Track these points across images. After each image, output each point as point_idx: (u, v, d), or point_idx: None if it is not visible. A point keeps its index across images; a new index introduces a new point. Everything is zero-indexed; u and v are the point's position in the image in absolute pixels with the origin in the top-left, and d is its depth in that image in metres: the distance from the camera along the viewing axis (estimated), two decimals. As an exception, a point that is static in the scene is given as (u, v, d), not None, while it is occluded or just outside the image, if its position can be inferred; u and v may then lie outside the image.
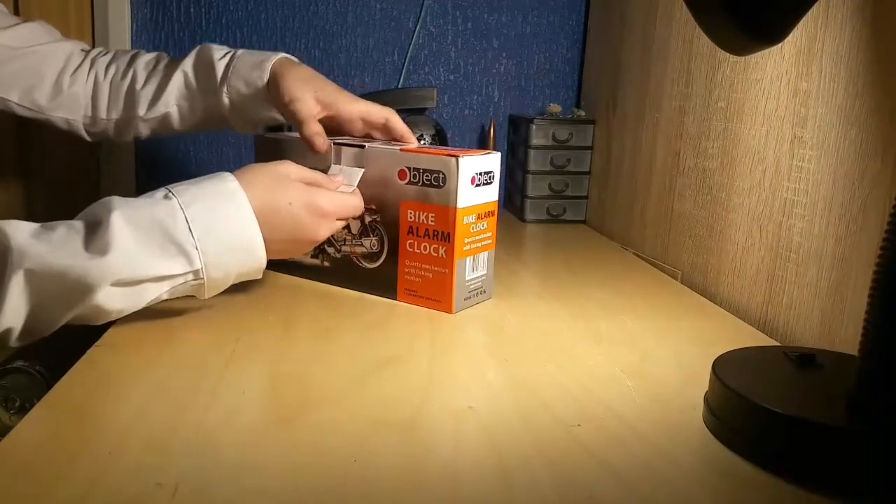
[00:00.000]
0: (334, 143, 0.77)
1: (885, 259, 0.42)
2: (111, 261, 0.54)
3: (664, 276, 0.91)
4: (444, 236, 0.71)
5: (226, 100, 0.83)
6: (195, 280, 0.60)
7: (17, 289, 0.52)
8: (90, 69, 0.87)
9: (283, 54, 0.84)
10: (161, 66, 0.87)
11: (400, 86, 1.32)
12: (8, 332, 0.53)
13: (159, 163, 1.30)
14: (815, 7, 0.53)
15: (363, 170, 0.75)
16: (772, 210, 0.74)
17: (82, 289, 0.53)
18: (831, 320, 0.65)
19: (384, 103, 0.83)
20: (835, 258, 0.65)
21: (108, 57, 0.88)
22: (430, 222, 0.72)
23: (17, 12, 1.16)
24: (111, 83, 0.87)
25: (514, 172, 1.32)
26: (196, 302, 0.71)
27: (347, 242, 0.78)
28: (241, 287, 0.77)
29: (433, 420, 0.49)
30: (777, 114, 0.73)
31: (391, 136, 0.81)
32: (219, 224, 0.60)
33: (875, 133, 0.60)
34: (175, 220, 0.57)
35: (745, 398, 0.46)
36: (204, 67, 0.84)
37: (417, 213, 0.72)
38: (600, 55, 1.26)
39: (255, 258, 0.63)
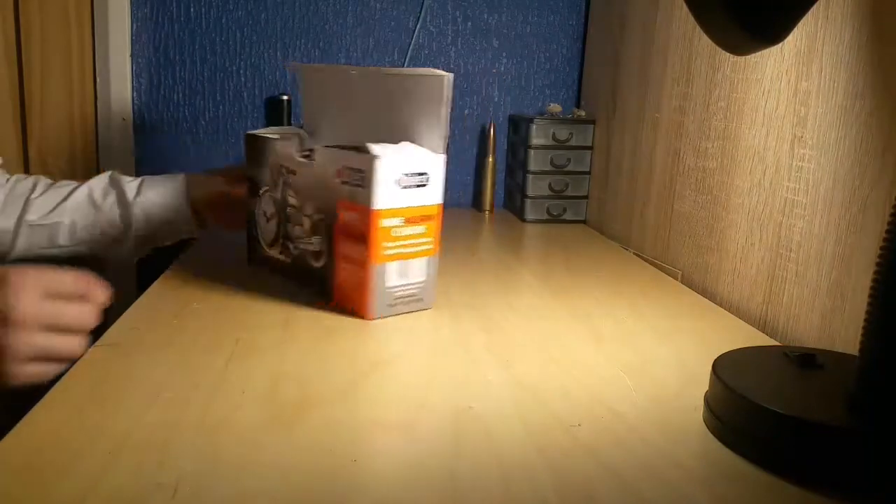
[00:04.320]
0: (323, 148, 0.77)
1: (885, 259, 0.42)
2: None
3: (664, 276, 0.91)
4: (362, 237, 0.68)
5: (139, 212, 0.87)
6: None
7: None
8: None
9: (184, 173, 0.90)
10: (60, 184, 0.88)
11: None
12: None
13: (159, 163, 1.30)
14: (815, 7, 0.53)
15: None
16: (772, 210, 0.74)
17: None
18: (831, 320, 0.65)
19: None
20: (835, 258, 0.65)
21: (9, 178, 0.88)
22: (355, 223, 0.69)
23: (17, 12, 1.16)
24: (10, 193, 0.86)
25: (514, 172, 1.32)
26: (196, 302, 0.71)
27: (301, 240, 0.77)
28: (240, 287, 0.77)
29: (433, 420, 0.49)
30: (777, 114, 0.73)
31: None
32: None
33: (875, 133, 0.60)
34: None
35: (745, 398, 0.46)
36: (115, 186, 0.87)
37: (347, 213, 0.70)
38: (600, 55, 1.26)
39: None
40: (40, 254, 0.86)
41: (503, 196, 1.39)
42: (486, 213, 1.31)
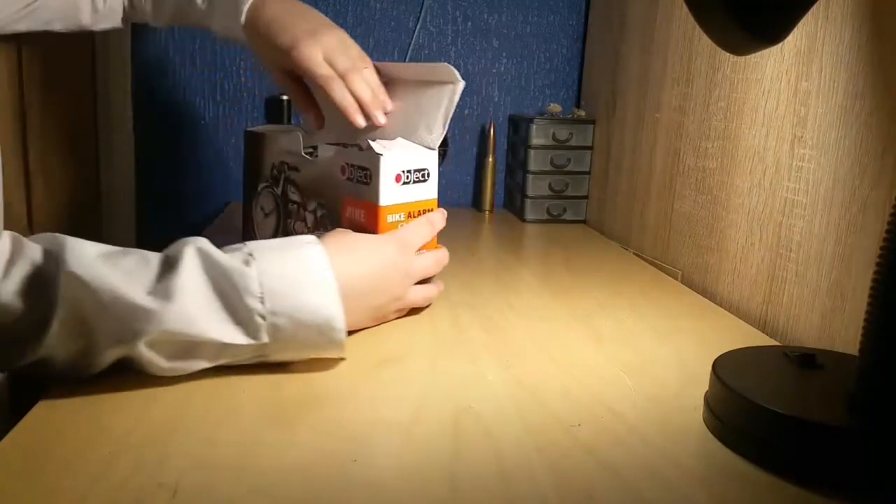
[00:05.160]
0: (326, 145, 0.77)
1: (885, 259, 0.42)
2: (169, 312, 0.48)
3: (664, 276, 0.91)
4: (371, 233, 0.70)
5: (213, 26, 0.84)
6: (258, 354, 0.53)
7: (64, 313, 0.47)
8: None
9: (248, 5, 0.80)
10: None
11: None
12: (48, 359, 0.48)
13: (160, 162, 1.30)
14: (815, 7, 0.53)
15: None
16: (772, 210, 0.74)
17: (130, 331, 0.48)
18: (831, 320, 0.65)
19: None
20: (835, 258, 0.65)
21: None
22: (361, 219, 0.71)
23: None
24: None
25: (514, 172, 1.32)
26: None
27: (297, 230, 0.78)
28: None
29: (433, 420, 0.49)
30: (777, 114, 0.73)
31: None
32: (296, 299, 0.52)
33: (875, 133, 0.60)
34: (249, 288, 0.51)
35: (745, 398, 0.46)
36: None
37: (353, 209, 0.71)
38: (600, 55, 1.26)
39: (329, 339, 0.55)
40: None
41: (503, 196, 1.39)
42: (486, 213, 1.31)
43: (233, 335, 0.51)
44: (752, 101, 0.78)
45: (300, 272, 0.54)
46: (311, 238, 0.59)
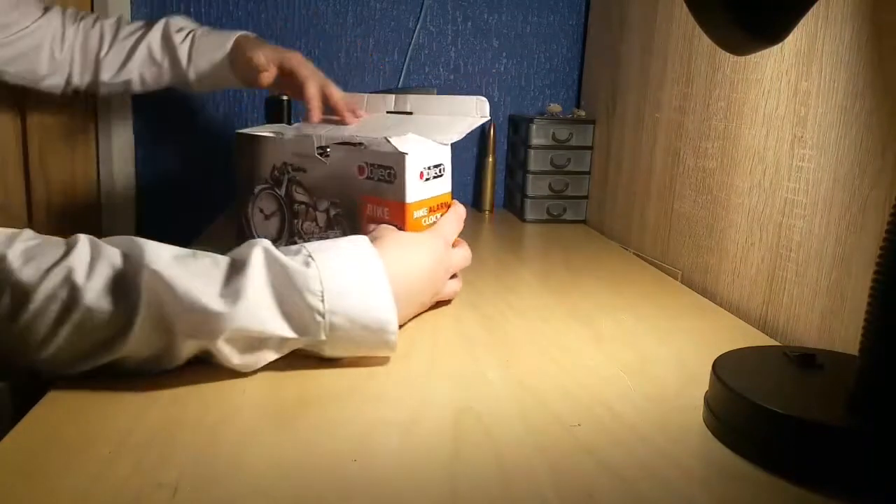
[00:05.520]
0: (334, 145, 0.78)
1: (885, 259, 0.42)
2: (240, 313, 0.50)
3: (664, 276, 0.91)
4: (398, 229, 0.72)
5: (192, 77, 0.98)
6: (314, 349, 0.56)
7: (146, 311, 0.49)
8: (72, 36, 0.98)
9: (242, 32, 0.97)
10: (123, 34, 0.99)
11: (400, 86, 1.32)
12: (127, 357, 0.51)
13: (160, 162, 1.30)
14: (815, 7, 0.52)
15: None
16: (772, 210, 0.74)
17: (204, 330, 0.50)
18: (831, 320, 0.65)
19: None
20: (835, 258, 0.65)
21: (80, 23, 0.99)
22: (385, 216, 0.73)
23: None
24: (83, 50, 0.98)
25: (514, 172, 1.32)
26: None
27: (315, 236, 0.79)
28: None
29: (433, 420, 0.49)
30: (777, 114, 0.73)
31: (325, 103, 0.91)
32: (353, 301, 0.55)
33: (875, 133, 0.60)
34: (311, 288, 0.53)
35: (745, 398, 0.46)
36: (169, 49, 0.97)
37: (374, 207, 0.73)
38: (600, 55, 1.26)
39: (384, 342, 0.57)
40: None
41: (503, 196, 1.39)
42: (486, 213, 1.32)
43: (294, 332, 0.54)
44: (752, 101, 0.78)
45: (357, 273, 0.57)
46: (363, 239, 0.61)
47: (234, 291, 0.51)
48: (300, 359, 0.59)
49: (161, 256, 0.50)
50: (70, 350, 0.49)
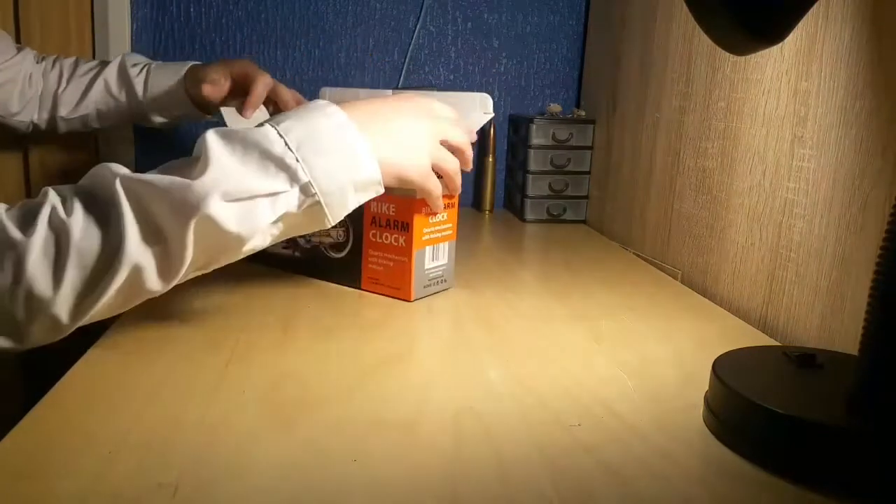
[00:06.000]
0: None
1: (885, 259, 0.42)
2: (212, 176, 0.52)
3: (664, 276, 0.91)
4: (404, 226, 0.74)
5: (150, 109, 1.00)
6: (307, 197, 0.56)
7: (133, 216, 0.51)
8: (37, 75, 1.01)
9: (194, 62, 1.00)
10: (80, 71, 1.01)
11: (400, 86, 1.32)
12: (137, 269, 0.51)
13: (160, 161, 1.30)
14: (815, 7, 0.53)
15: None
16: (772, 210, 0.74)
17: (190, 205, 0.51)
18: (831, 320, 0.65)
19: None
20: (835, 258, 0.65)
21: (42, 63, 1.02)
22: (391, 213, 0.74)
23: (16, 12, 1.16)
24: (43, 88, 1.01)
25: (514, 172, 1.32)
26: (196, 302, 0.71)
27: (317, 234, 0.80)
28: (240, 286, 0.77)
29: (433, 420, 0.49)
30: (777, 114, 0.73)
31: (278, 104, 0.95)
32: (315, 135, 0.56)
33: (875, 133, 0.60)
34: (271, 139, 0.55)
35: (745, 398, 0.46)
36: (125, 82, 1.00)
37: (379, 203, 0.75)
38: (600, 55, 1.26)
39: (361, 161, 0.58)
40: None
41: (503, 196, 1.39)
42: (486, 213, 1.32)
43: (277, 183, 0.54)
44: (752, 101, 0.78)
45: (308, 112, 0.58)
46: (321, 100, 0.62)
47: (202, 167, 0.52)
48: (300, 359, 0.59)
49: (123, 170, 0.53)
50: (80, 292, 0.50)
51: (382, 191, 0.61)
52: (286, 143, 0.55)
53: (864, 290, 0.46)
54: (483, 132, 1.34)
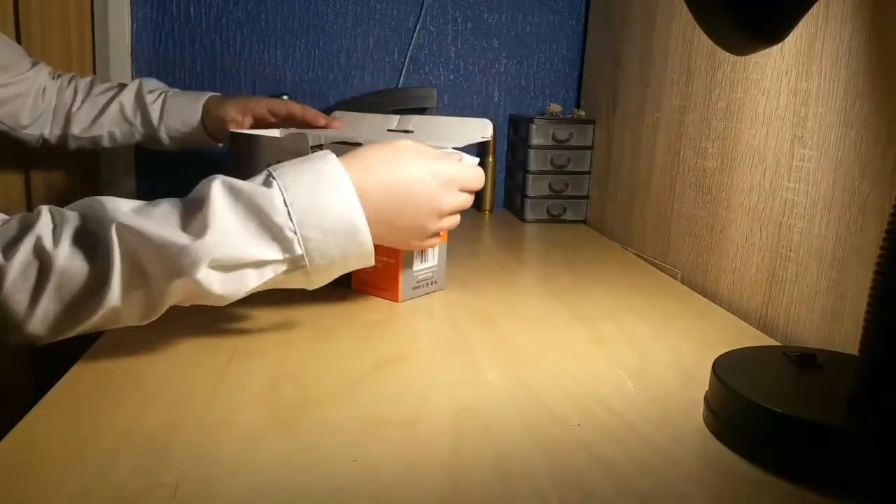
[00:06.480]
0: (331, 144, 0.78)
1: (885, 259, 0.42)
2: (208, 242, 0.52)
3: (664, 276, 0.91)
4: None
5: (164, 135, 1.03)
6: (297, 268, 0.57)
7: (121, 262, 0.51)
8: (51, 90, 1.02)
9: (209, 94, 1.03)
10: (97, 91, 1.03)
11: (400, 86, 1.32)
12: (116, 310, 0.52)
13: (159, 161, 1.30)
14: (815, 7, 0.52)
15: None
16: (772, 210, 0.74)
17: (181, 266, 0.51)
18: (831, 320, 0.65)
19: (384, 103, 0.86)
20: (835, 258, 0.65)
21: (57, 80, 1.03)
22: None
23: (17, 12, 1.16)
24: (57, 104, 1.02)
25: (514, 172, 1.32)
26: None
27: None
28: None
29: (433, 420, 0.49)
30: (777, 114, 0.73)
31: (300, 123, 0.98)
32: (319, 208, 0.56)
33: (875, 133, 0.60)
34: (274, 204, 0.55)
35: (745, 398, 0.46)
36: (141, 108, 1.02)
37: None
38: (600, 55, 1.26)
39: (357, 243, 0.58)
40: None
41: (503, 196, 1.39)
42: (486, 213, 1.32)
43: (270, 252, 0.55)
44: (752, 101, 0.78)
45: (319, 182, 0.57)
46: (327, 152, 0.61)
47: (201, 224, 0.52)
48: (300, 359, 0.59)
49: (122, 209, 0.52)
50: (56, 316, 0.50)
51: (372, 264, 0.61)
52: (289, 213, 0.55)
53: (864, 290, 0.46)
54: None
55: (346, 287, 0.78)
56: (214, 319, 0.67)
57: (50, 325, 0.51)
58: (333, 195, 0.57)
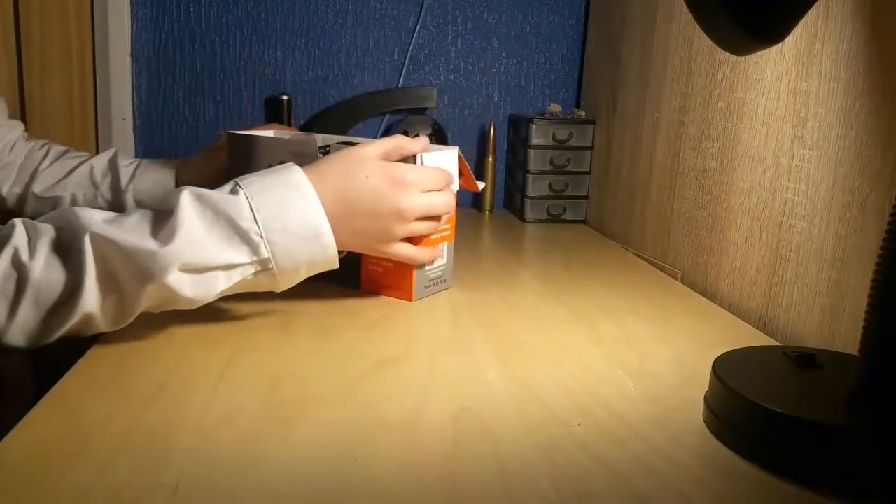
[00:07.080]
0: (337, 144, 0.78)
1: (885, 259, 0.42)
2: (177, 246, 0.54)
3: (664, 276, 0.91)
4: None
5: (129, 199, 0.94)
6: (264, 270, 0.59)
7: (95, 269, 0.53)
8: (20, 148, 0.96)
9: (179, 160, 0.97)
10: (70, 156, 0.97)
11: (400, 86, 1.32)
12: (90, 316, 0.54)
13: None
14: (815, 7, 0.53)
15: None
16: (772, 210, 0.74)
17: (152, 271, 0.54)
18: (831, 320, 0.65)
19: (384, 103, 0.85)
20: (835, 258, 0.65)
21: (31, 142, 0.98)
22: None
23: (17, 12, 1.16)
24: (24, 162, 0.96)
25: (514, 172, 1.32)
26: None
27: None
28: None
29: (433, 420, 0.49)
30: (777, 114, 0.73)
31: None
32: (284, 213, 0.59)
33: (875, 133, 0.60)
34: (241, 210, 0.58)
35: (745, 398, 0.46)
36: (112, 169, 0.95)
37: None
38: (600, 55, 1.26)
39: (322, 246, 0.61)
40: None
41: (503, 196, 1.39)
42: (486, 213, 1.32)
43: (238, 255, 0.57)
44: (752, 101, 0.78)
45: (283, 188, 0.61)
46: (288, 163, 0.64)
47: (170, 230, 0.54)
48: (300, 359, 0.59)
49: (95, 219, 0.55)
50: (34, 323, 0.53)
51: (337, 267, 0.64)
52: (255, 218, 0.58)
53: (864, 290, 0.47)
54: (483, 132, 1.34)
55: (356, 287, 0.78)
56: (214, 319, 0.67)
57: (28, 334, 0.53)
58: (297, 199, 0.60)
